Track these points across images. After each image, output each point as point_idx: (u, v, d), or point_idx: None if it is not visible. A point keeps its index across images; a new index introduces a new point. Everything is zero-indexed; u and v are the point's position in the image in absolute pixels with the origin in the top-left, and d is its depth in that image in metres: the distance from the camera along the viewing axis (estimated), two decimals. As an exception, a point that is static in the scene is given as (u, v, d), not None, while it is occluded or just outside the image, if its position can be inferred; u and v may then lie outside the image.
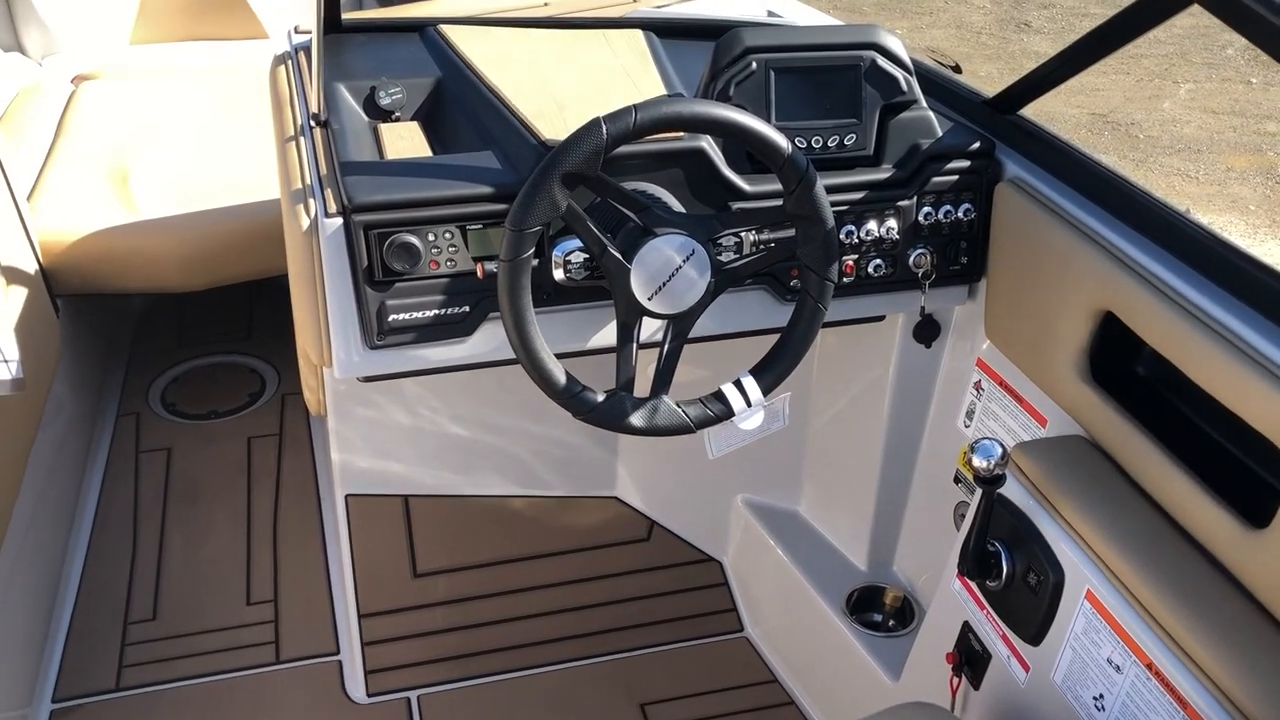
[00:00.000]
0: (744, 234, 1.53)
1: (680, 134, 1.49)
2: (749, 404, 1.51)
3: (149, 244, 2.57)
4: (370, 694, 2.06)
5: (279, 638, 2.19)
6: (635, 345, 1.46)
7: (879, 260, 1.64)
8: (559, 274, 1.48)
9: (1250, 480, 1.31)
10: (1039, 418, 1.64)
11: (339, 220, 1.46)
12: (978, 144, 1.64)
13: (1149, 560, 1.28)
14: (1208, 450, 1.36)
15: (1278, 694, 1.11)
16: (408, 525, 2.23)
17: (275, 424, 2.78)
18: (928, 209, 1.64)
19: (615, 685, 2.10)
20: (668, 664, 2.15)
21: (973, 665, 1.56)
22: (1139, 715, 1.25)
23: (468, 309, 1.51)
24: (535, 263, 1.42)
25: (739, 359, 1.62)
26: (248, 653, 2.15)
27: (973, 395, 1.80)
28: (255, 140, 2.91)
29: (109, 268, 2.54)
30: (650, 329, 1.53)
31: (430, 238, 1.46)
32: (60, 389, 2.47)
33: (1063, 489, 1.40)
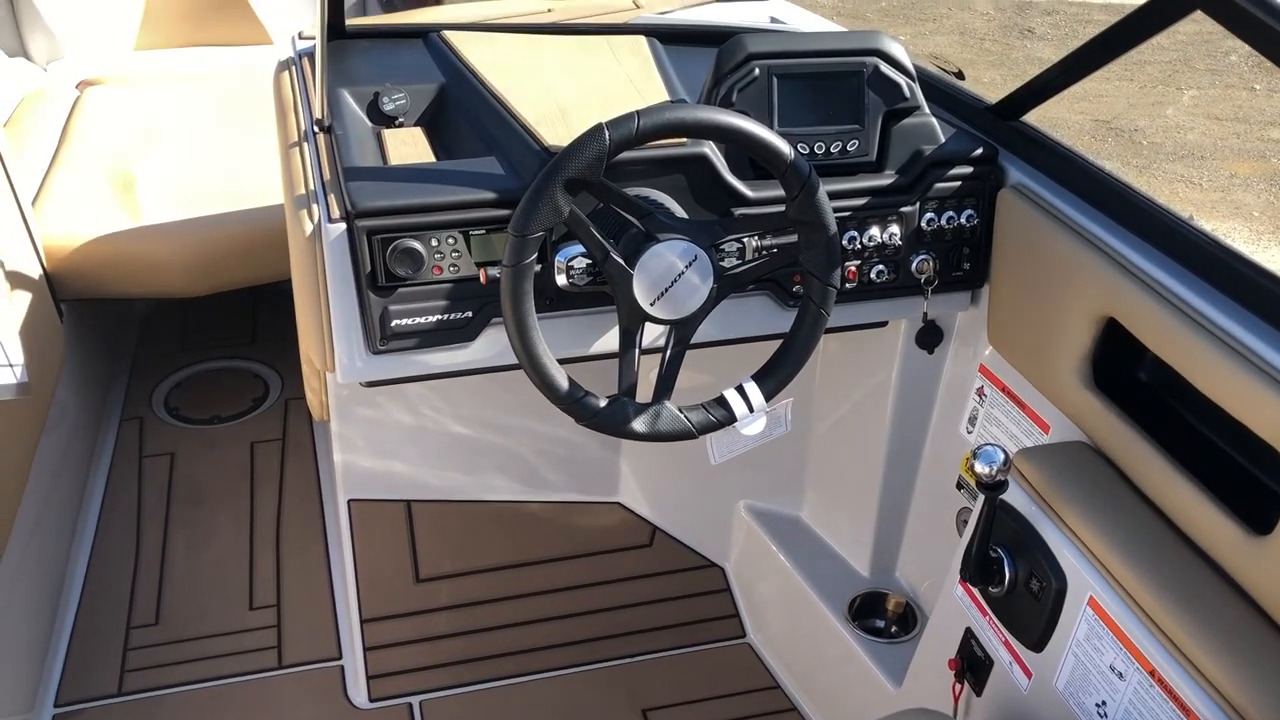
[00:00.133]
0: (746, 240, 1.54)
1: (683, 140, 1.50)
2: (751, 409, 1.51)
3: (153, 249, 2.57)
4: (372, 699, 2.06)
5: (281, 642, 2.19)
6: (638, 351, 1.46)
7: (881, 266, 1.65)
8: (562, 279, 1.48)
9: (1253, 487, 1.31)
10: (1041, 424, 1.64)
11: (342, 225, 1.46)
12: (980, 150, 1.64)
13: (1152, 567, 1.28)
14: (1211, 457, 1.36)
15: (1281, 701, 1.11)
16: (410, 530, 2.23)
17: (278, 429, 2.78)
18: (930, 215, 1.64)
19: (617, 691, 2.10)
20: (670, 670, 2.14)
21: (975, 672, 1.56)
22: (1142, 722, 1.25)
23: (470, 314, 1.52)
24: (538, 268, 1.42)
25: (741, 364, 1.62)
26: (250, 657, 2.16)
27: (975, 401, 1.80)
28: (259, 146, 2.92)
29: (113, 273, 2.55)
30: (653, 334, 1.53)
31: (433, 243, 1.46)
32: (64, 394, 2.47)
33: (1065, 495, 1.39)
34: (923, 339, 1.79)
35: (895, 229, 1.62)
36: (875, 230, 1.62)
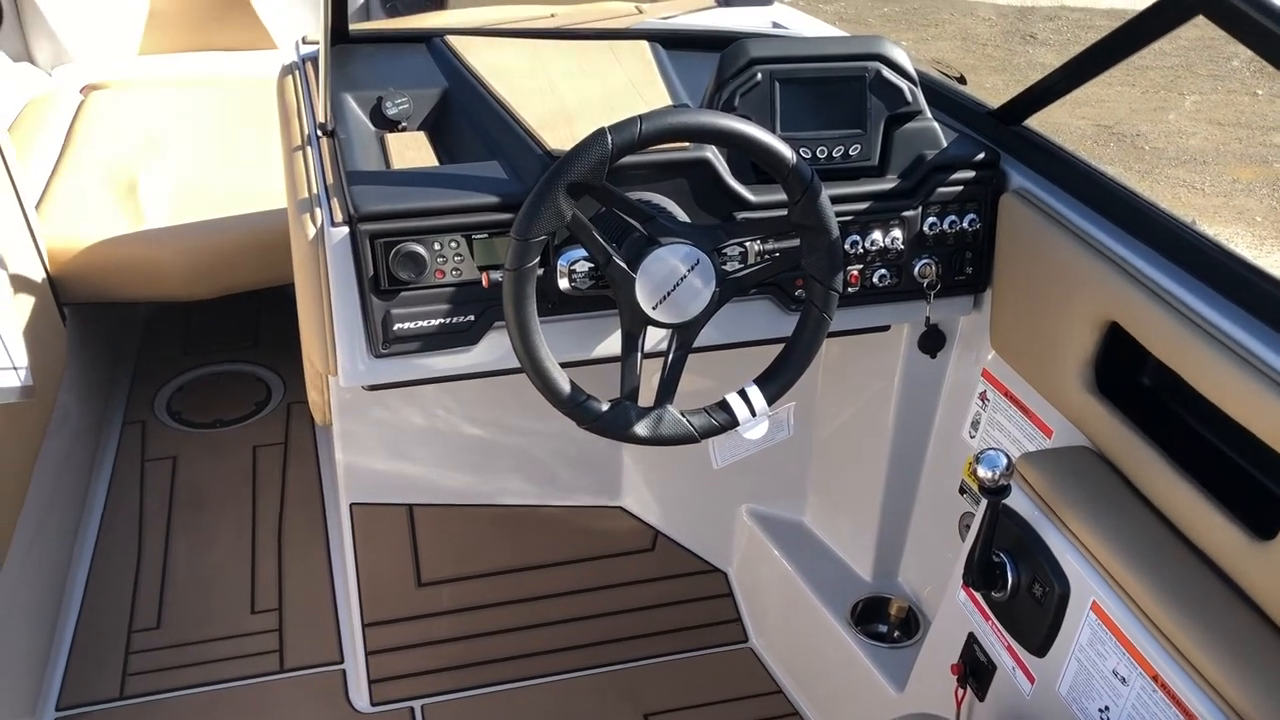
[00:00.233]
0: (749, 244, 1.54)
1: (685, 144, 1.50)
2: (754, 414, 1.51)
3: (156, 253, 2.58)
4: (374, 703, 2.06)
5: (283, 646, 2.19)
6: (640, 355, 1.47)
7: (884, 270, 1.65)
8: (564, 283, 1.48)
9: (1256, 492, 1.31)
10: (1044, 428, 1.64)
11: (345, 229, 1.46)
12: (983, 155, 1.64)
13: (1155, 572, 1.28)
14: (1214, 461, 1.36)
15: (1284, 706, 1.11)
16: (412, 534, 2.23)
17: (281, 433, 2.78)
18: (933, 219, 1.64)
19: (619, 696, 2.10)
20: (672, 674, 2.14)
21: (978, 676, 1.55)
22: (1144, 727, 1.25)
23: (473, 318, 1.52)
24: (540, 272, 1.42)
25: (744, 369, 1.62)
26: (252, 661, 2.15)
27: (978, 406, 1.80)
28: (262, 150, 2.92)
29: (116, 276, 2.55)
30: (655, 338, 1.53)
31: (436, 247, 1.47)
32: (67, 397, 2.48)
33: (1068, 500, 1.39)
34: (925, 343, 1.79)
35: (897, 233, 1.62)
36: (877, 234, 1.62)
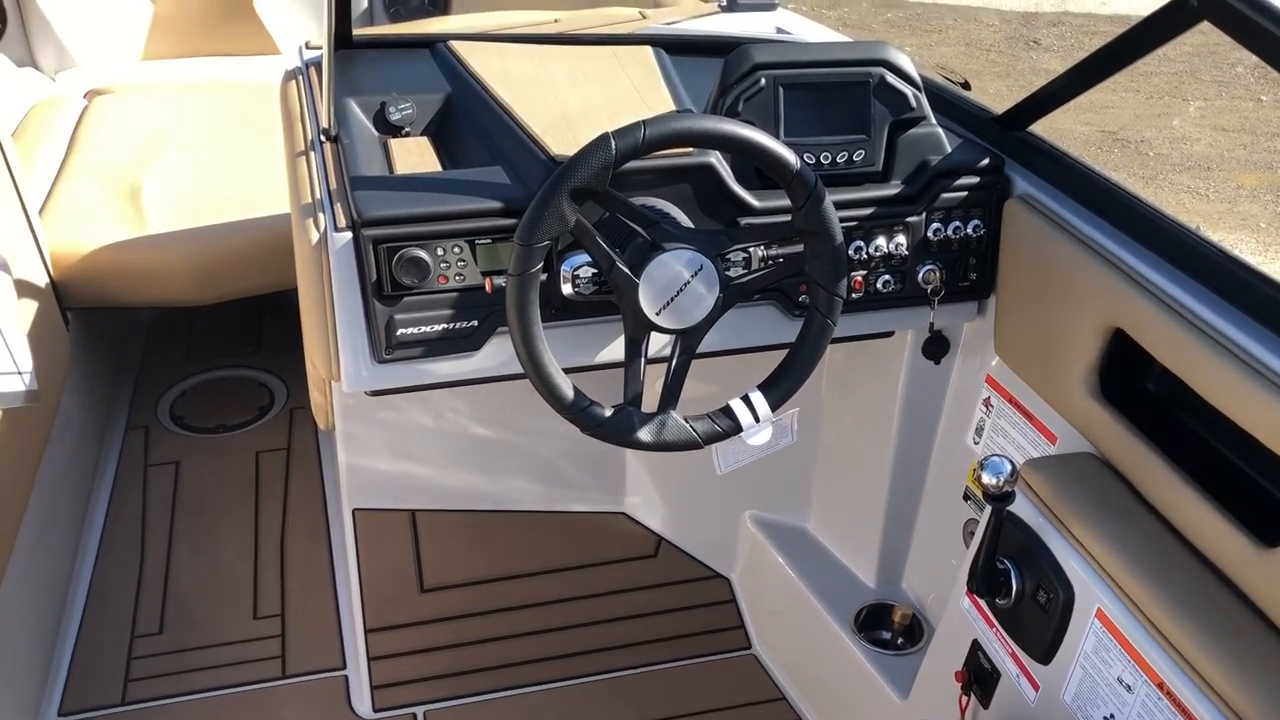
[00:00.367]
0: (752, 249, 1.53)
1: (689, 149, 1.50)
2: (757, 419, 1.50)
3: (159, 258, 2.58)
4: (376, 709, 2.06)
5: (285, 652, 2.18)
6: (643, 360, 1.46)
7: (888, 276, 1.64)
8: (567, 289, 1.48)
9: (1261, 498, 1.30)
10: (1048, 435, 1.64)
11: (348, 234, 1.46)
12: (987, 160, 1.64)
13: (1160, 579, 1.27)
14: (1219, 468, 1.36)
15: (1290, 714, 1.11)
16: (415, 540, 2.22)
17: (283, 438, 2.78)
18: (937, 225, 1.63)
19: (622, 702, 2.09)
20: (675, 681, 2.14)
21: (982, 684, 1.55)
22: (1150, 735, 1.24)
23: (476, 323, 1.52)
24: (543, 277, 1.42)
25: (747, 374, 1.62)
26: (254, 667, 2.15)
27: (982, 412, 1.79)
28: (266, 155, 2.93)
29: (119, 281, 2.55)
30: (658, 344, 1.53)
31: (439, 252, 1.47)
32: (69, 402, 2.48)
33: (1072, 506, 1.39)
34: (929, 349, 1.78)
35: (901, 239, 1.62)
36: (881, 240, 1.61)
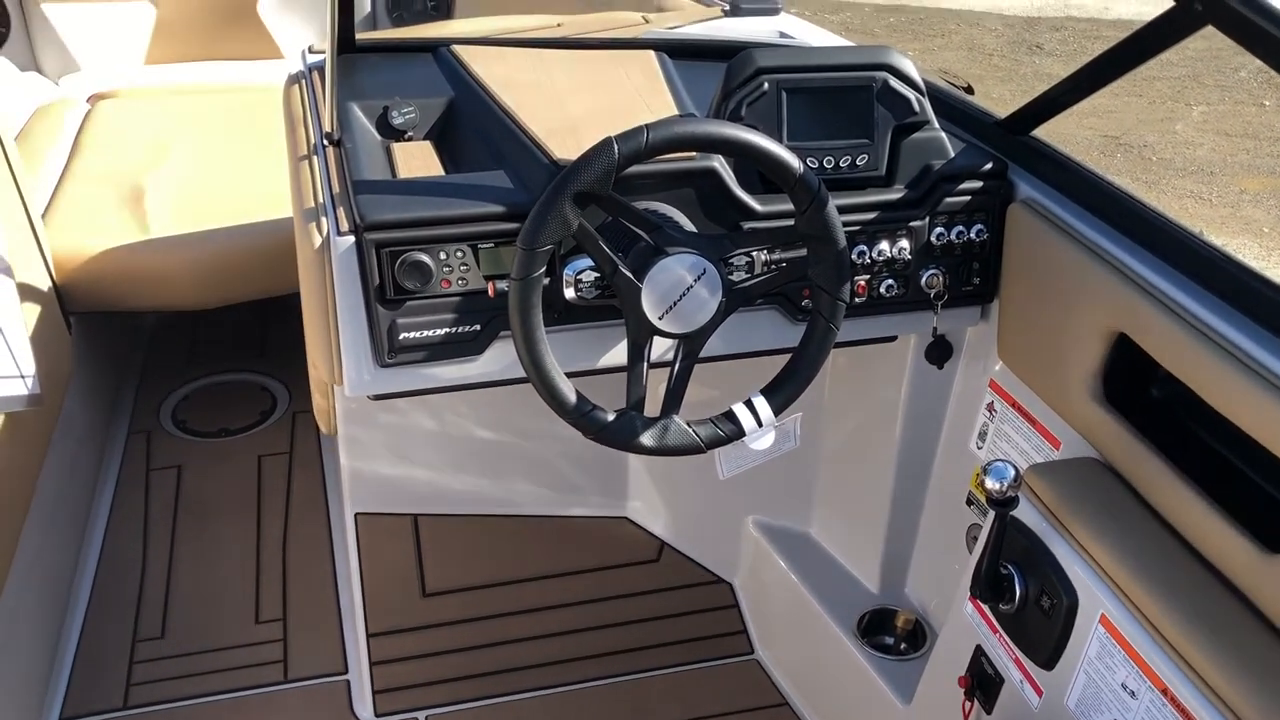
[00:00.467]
0: (755, 253, 1.53)
1: (692, 154, 1.50)
2: (760, 424, 1.50)
3: (162, 262, 2.58)
4: (378, 714, 2.06)
5: (287, 656, 2.18)
6: (646, 364, 1.46)
7: (891, 280, 1.64)
8: (570, 293, 1.47)
9: (1266, 504, 1.30)
10: (1052, 440, 1.63)
11: (351, 239, 1.46)
12: (990, 165, 1.64)
13: (1164, 584, 1.27)
14: (1223, 473, 1.35)
15: (1295, 721, 1.10)
16: (417, 544, 2.22)
17: (286, 442, 2.78)
18: (940, 229, 1.63)
19: (624, 707, 2.09)
20: (677, 686, 2.13)
21: (985, 689, 1.54)
22: (1154, 741, 1.24)
23: (478, 327, 1.52)
24: (546, 281, 1.42)
25: (750, 379, 1.61)
26: (256, 671, 2.15)
27: (985, 417, 1.79)
28: (268, 159, 2.93)
29: (122, 285, 2.56)
30: (661, 348, 1.53)
31: (442, 256, 1.46)
32: (72, 406, 2.48)
33: (1076, 512, 1.38)
34: (932, 354, 1.78)
35: (905, 243, 1.62)
36: (885, 245, 1.61)
